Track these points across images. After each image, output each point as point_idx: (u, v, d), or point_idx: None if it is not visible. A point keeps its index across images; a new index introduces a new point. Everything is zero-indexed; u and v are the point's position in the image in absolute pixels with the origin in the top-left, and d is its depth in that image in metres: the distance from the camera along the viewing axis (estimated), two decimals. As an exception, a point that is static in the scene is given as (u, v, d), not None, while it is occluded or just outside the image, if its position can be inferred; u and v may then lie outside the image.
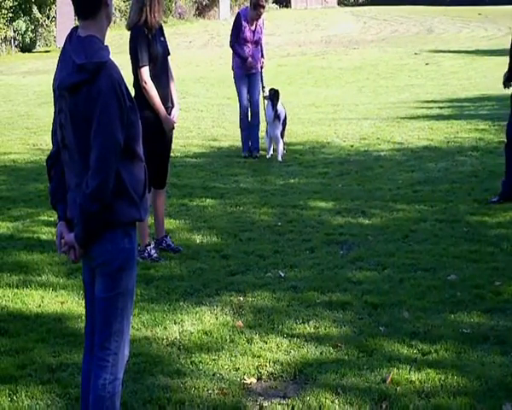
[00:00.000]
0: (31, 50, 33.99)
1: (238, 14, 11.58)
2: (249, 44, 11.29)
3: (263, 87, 11.52)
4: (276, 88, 11.48)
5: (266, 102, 11.38)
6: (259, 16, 11.28)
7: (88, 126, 3.41)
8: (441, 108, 15.67)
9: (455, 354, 4.97)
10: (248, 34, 11.27)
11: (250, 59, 11.27)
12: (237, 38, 11.30)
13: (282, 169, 10.79)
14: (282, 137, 11.46)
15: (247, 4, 11.77)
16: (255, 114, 11.58)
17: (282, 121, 11.33)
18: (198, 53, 31.19)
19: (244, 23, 11.25)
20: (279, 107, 11.32)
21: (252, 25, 11.29)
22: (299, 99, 17.72)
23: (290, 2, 58.76)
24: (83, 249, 3.55)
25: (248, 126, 11.60)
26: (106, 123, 3.39)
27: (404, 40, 33.65)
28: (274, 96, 11.29)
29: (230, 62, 11.78)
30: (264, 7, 11.31)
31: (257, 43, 11.36)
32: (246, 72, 11.41)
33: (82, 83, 3.39)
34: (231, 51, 11.61)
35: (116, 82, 3.42)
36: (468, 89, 18.45)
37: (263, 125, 11.65)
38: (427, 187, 9.34)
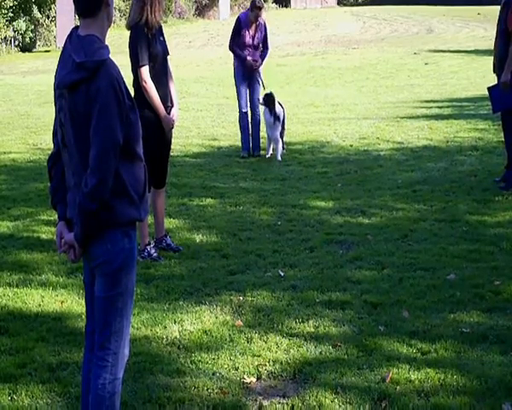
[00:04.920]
0: (31, 50, 34.03)
1: (238, 18, 11.53)
2: (249, 49, 11.29)
3: (263, 86, 11.51)
4: (270, 92, 11.40)
5: (263, 108, 11.36)
6: (257, 18, 11.26)
7: (87, 125, 3.41)
8: (441, 107, 15.68)
9: (454, 354, 4.97)
10: (247, 39, 11.27)
11: (249, 57, 11.26)
12: (237, 43, 11.30)
13: (282, 169, 10.80)
14: (282, 136, 11.46)
15: (247, 6, 11.76)
16: (255, 113, 11.58)
17: (281, 121, 11.32)
18: (198, 53, 31.22)
19: (244, 28, 11.24)
20: (277, 108, 11.30)
21: (251, 28, 11.28)
22: (298, 99, 17.72)
23: (289, 2, 58.80)
24: (82, 249, 3.55)
25: (248, 126, 11.60)
26: (105, 121, 3.39)
27: (403, 40, 33.67)
28: (269, 101, 11.24)
29: (231, 61, 11.79)
30: (260, 8, 11.22)
31: (256, 47, 11.35)
32: (246, 71, 11.41)
33: (81, 81, 3.40)
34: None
35: (115, 80, 3.42)
36: (468, 88, 18.46)
37: (263, 124, 11.63)
38: (426, 187, 9.35)
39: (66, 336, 5.32)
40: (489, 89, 9.26)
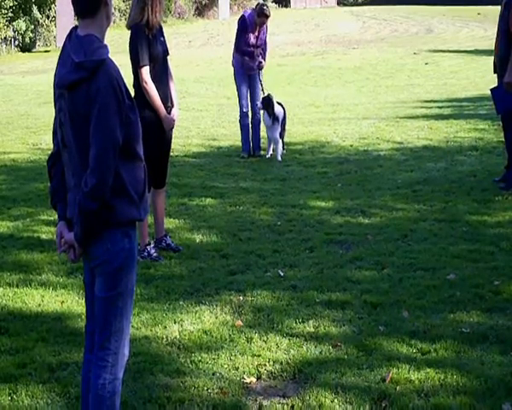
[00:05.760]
0: (31, 50, 34.04)
1: (244, 18, 11.44)
2: (252, 48, 11.29)
3: (262, 90, 11.50)
4: (267, 95, 11.37)
5: (262, 111, 11.35)
6: (262, 25, 11.29)
7: (87, 125, 3.41)
8: (440, 107, 15.68)
9: (454, 354, 4.97)
10: (252, 40, 11.28)
11: (247, 58, 11.26)
12: (243, 43, 11.30)
13: (282, 169, 10.80)
14: (282, 137, 11.47)
15: (248, 5, 11.78)
16: (256, 113, 11.56)
17: (281, 121, 11.31)
18: (197, 52, 31.22)
19: (249, 29, 11.24)
20: (276, 109, 11.29)
21: (255, 31, 11.30)
22: (298, 99, 17.72)
23: (289, 2, 58.78)
24: (82, 249, 3.55)
25: (248, 126, 11.59)
26: (104, 121, 3.39)
27: (403, 40, 33.67)
28: (267, 105, 11.21)
29: (231, 60, 11.78)
30: (267, 17, 11.27)
31: (258, 47, 11.36)
32: (247, 71, 11.41)
33: (80, 81, 3.39)
34: (232, 49, 11.62)
35: (115, 80, 3.42)
36: (468, 88, 18.47)
37: (263, 124, 11.62)
38: (426, 187, 9.35)
39: (66, 337, 5.32)
40: (491, 90, 9.26)
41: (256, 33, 11.30)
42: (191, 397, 4.50)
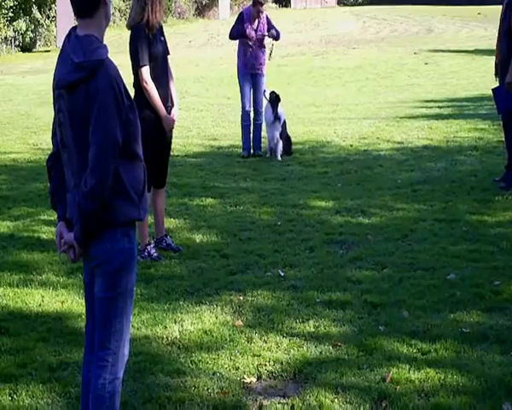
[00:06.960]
0: (31, 50, 34.05)
1: (241, 12, 11.56)
2: (251, 43, 11.28)
3: (270, 54, 11.54)
4: (276, 92, 11.47)
5: (266, 104, 11.39)
6: (259, 14, 11.30)
7: (86, 125, 3.41)
8: (441, 107, 15.68)
9: (454, 354, 4.98)
10: (251, 33, 11.26)
11: (251, 33, 11.20)
12: (237, 32, 11.30)
13: (282, 169, 10.81)
14: (287, 141, 11.51)
15: (250, 4, 11.79)
16: (258, 114, 11.57)
17: (282, 123, 11.35)
18: (198, 53, 31.21)
19: (246, 22, 11.25)
20: (279, 109, 11.33)
21: (253, 23, 11.31)
22: (299, 99, 17.73)
23: (289, 2, 58.78)
24: (82, 249, 3.55)
25: (249, 126, 11.60)
26: (104, 121, 3.39)
27: (403, 40, 33.65)
28: (275, 99, 11.30)
29: (231, 61, 11.79)
30: (262, 4, 11.27)
31: (260, 41, 11.35)
32: (250, 71, 11.41)
33: (80, 81, 3.40)
34: (236, 50, 11.63)
35: (114, 80, 3.42)
36: (468, 88, 18.47)
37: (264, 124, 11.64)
38: (426, 186, 9.35)
39: (66, 336, 5.33)
40: (493, 90, 9.28)
41: (254, 26, 11.30)
42: (191, 397, 4.51)
